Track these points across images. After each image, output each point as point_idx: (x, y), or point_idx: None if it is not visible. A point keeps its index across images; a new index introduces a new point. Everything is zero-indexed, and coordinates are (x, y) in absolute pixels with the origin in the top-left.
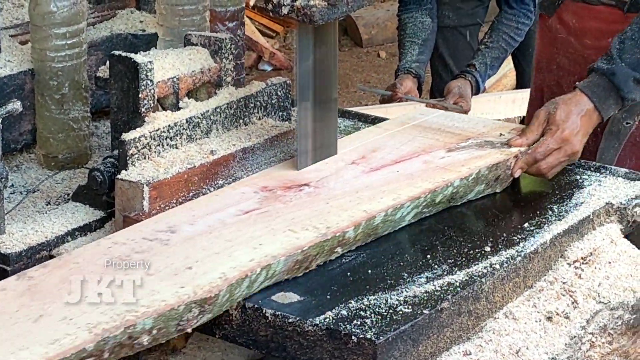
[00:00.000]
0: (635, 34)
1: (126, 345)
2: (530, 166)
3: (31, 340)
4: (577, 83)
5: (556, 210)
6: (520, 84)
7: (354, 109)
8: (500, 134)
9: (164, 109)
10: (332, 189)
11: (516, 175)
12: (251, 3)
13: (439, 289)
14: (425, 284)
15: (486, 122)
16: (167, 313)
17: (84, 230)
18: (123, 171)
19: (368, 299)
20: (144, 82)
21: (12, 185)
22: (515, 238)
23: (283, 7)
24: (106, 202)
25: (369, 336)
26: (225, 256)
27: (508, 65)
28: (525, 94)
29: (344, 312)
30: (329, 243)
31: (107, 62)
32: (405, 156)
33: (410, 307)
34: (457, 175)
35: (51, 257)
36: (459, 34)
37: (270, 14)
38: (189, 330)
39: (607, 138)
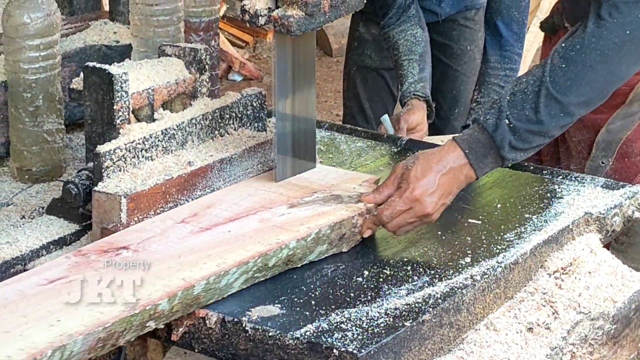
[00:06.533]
0: (529, 86)
1: None
2: (377, 227)
3: None
4: (455, 136)
5: (535, 220)
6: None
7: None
8: (354, 187)
9: (139, 120)
10: (154, 252)
11: (365, 235)
12: (221, 13)
13: (420, 300)
14: (406, 296)
15: (338, 173)
16: None
17: (59, 243)
18: (100, 183)
19: (349, 311)
20: (119, 94)
21: None
22: (495, 249)
23: (260, 18)
24: (81, 214)
25: (350, 349)
26: (16, 335)
27: None
28: None
29: (325, 325)
30: (137, 317)
31: (81, 74)
32: (241, 213)
33: (391, 319)
34: (294, 235)
35: (26, 271)
36: (379, 76)
37: (247, 24)
38: None
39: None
